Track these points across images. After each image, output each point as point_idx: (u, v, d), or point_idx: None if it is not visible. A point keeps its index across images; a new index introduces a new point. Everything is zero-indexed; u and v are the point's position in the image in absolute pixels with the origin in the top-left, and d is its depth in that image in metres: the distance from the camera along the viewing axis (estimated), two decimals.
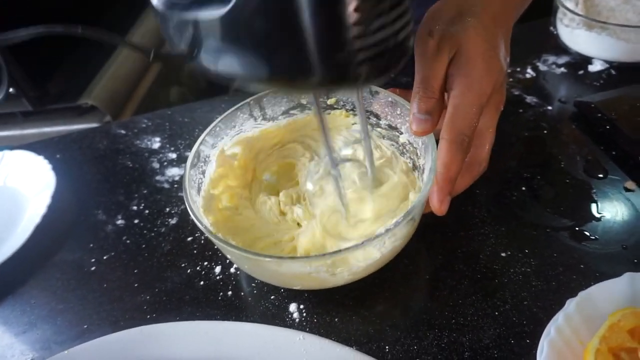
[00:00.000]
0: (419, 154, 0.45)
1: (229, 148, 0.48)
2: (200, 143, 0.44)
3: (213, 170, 0.46)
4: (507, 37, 0.43)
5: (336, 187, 0.39)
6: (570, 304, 0.36)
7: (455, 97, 0.38)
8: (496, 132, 0.43)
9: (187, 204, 0.39)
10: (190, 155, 0.43)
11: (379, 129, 0.50)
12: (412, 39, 0.27)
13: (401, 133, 0.47)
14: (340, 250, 0.34)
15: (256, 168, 0.50)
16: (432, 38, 0.40)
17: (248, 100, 0.48)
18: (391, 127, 0.48)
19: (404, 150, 0.48)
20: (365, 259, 0.37)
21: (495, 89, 0.39)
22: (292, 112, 0.51)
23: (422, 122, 0.39)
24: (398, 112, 0.46)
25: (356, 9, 0.22)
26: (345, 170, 0.43)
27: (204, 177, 0.45)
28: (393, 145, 0.49)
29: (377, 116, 0.49)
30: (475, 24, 0.40)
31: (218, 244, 0.37)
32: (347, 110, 0.51)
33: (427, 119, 0.38)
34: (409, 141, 0.46)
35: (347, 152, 0.47)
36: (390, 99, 0.46)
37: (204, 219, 0.40)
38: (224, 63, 0.26)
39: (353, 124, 0.51)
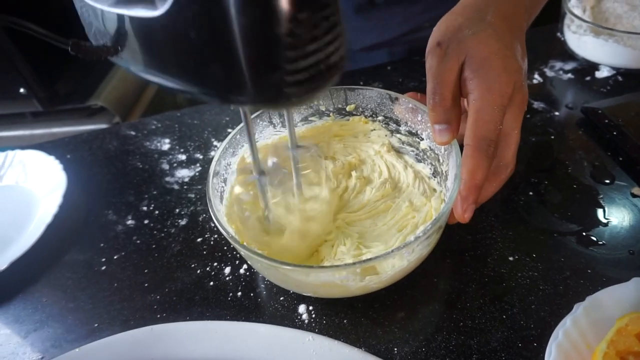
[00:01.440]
0: (440, 160, 0.45)
1: (249, 155, 0.48)
2: (223, 151, 0.44)
3: (234, 177, 0.46)
4: (520, 36, 0.42)
5: (261, 192, 0.38)
6: (578, 308, 0.36)
7: (475, 100, 0.38)
8: None
9: (212, 214, 0.39)
10: (212, 164, 0.43)
11: (398, 135, 0.50)
12: (344, 59, 0.26)
13: (422, 139, 0.48)
14: (369, 259, 0.34)
15: None
16: (440, 48, 0.40)
17: (253, 115, 0.48)
18: (411, 134, 0.49)
19: (425, 156, 0.48)
20: (392, 267, 0.37)
21: (516, 88, 0.39)
22: (310, 118, 0.52)
23: (440, 132, 0.39)
24: (419, 119, 0.46)
25: (291, 33, 0.21)
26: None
27: (226, 185, 0.45)
28: (412, 151, 0.49)
29: (397, 122, 0.49)
30: (484, 27, 0.40)
31: (245, 254, 0.37)
32: (365, 117, 0.51)
33: (445, 128, 0.38)
34: (429, 147, 0.47)
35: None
36: (410, 105, 0.46)
37: (229, 228, 0.40)
38: (150, 68, 0.26)
39: (372, 130, 0.52)
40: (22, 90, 0.81)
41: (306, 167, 0.43)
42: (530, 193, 0.50)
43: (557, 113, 0.59)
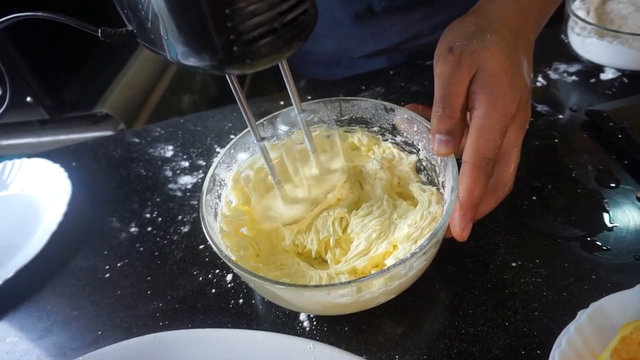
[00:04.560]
0: (437, 171, 0.45)
1: (244, 169, 0.47)
2: (216, 167, 0.44)
3: (229, 192, 0.46)
4: (529, 51, 0.42)
5: (264, 157, 0.39)
6: (582, 315, 0.36)
7: (479, 117, 0.37)
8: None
9: (205, 231, 0.39)
10: (206, 180, 0.43)
11: (394, 144, 0.50)
12: (308, 19, 0.29)
13: (418, 150, 0.47)
14: (365, 277, 0.34)
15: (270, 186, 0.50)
16: (452, 55, 0.39)
17: (261, 120, 0.48)
18: (407, 144, 0.48)
19: (421, 166, 0.48)
20: (388, 285, 0.37)
21: (520, 107, 0.38)
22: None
23: (444, 143, 0.38)
24: (415, 129, 0.46)
25: None
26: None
27: (220, 201, 0.45)
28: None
29: (392, 133, 0.49)
30: (496, 40, 0.39)
31: (239, 273, 0.37)
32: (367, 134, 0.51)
33: (449, 140, 0.38)
34: (426, 158, 0.46)
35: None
36: (406, 116, 0.46)
37: (222, 245, 0.40)
38: (150, 40, 0.29)
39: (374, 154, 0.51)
40: (29, 99, 0.82)
41: (318, 128, 0.44)
42: (534, 198, 0.49)
43: (561, 116, 0.59)
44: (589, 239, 0.45)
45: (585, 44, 0.63)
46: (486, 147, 0.36)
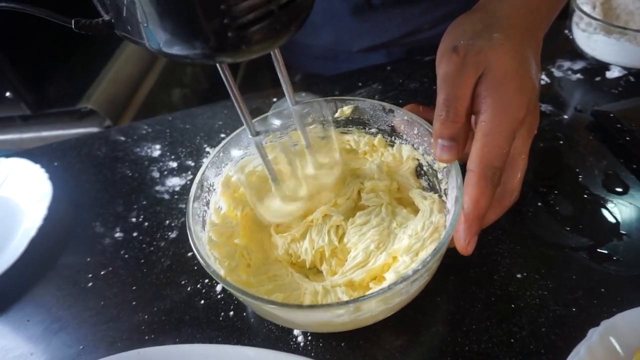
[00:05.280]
0: (439, 178, 0.42)
1: (234, 173, 0.44)
2: (204, 171, 0.41)
3: (218, 199, 0.43)
4: (537, 51, 0.40)
5: (259, 151, 0.36)
6: (593, 335, 0.34)
7: (485, 122, 0.35)
8: None
9: (192, 244, 0.36)
10: (193, 186, 0.40)
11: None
12: (302, 1, 0.27)
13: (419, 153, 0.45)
14: (364, 297, 0.31)
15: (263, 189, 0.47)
16: (456, 54, 0.37)
17: (255, 120, 0.44)
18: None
19: (422, 171, 0.45)
20: (392, 300, 0.35)
21: (528, 111, 0.36)
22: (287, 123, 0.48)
23: (447, 149, 0.36)
24: (415, 132, 0.43)
25: None
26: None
27: (208, 208, 0.42)
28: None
29: (390, 135, 0.46)
30: (504, 39, 0.37)
31: (229, 289, 0.34)
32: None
33: (452, 146, 0.35)
34: (427, 162, 0.44)
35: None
36: (406, 118, 0.43)
37: (210, 258, 0.37)
38: (128, 29, 0.27)
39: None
40: (8, 94, 0.78)
41: (313, 129, 0.41)
42: (539, 204, 0.47)
43: (565, 116, 0.56)
44: (597, 249, 0.43)
45: (591, 40, 0.60)
46: (493, 155, 0.34)
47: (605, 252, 0.42)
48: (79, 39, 0.90)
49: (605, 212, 0.46)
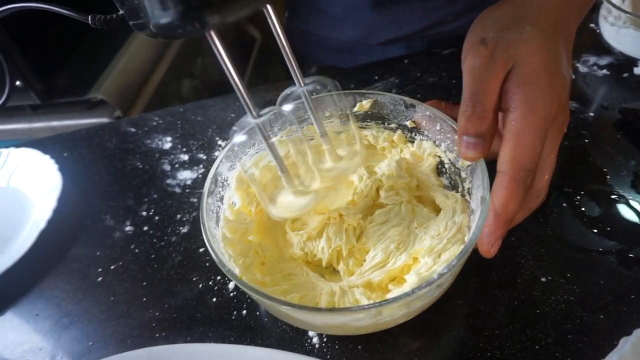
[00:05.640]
0: (462, 176, 0.40)
1: (249, 168, 0.43)
2: (218, 166, 0.40)
3: (232, 194, 0.42)
4: (569, 45, 0.38)
5: (262, 137, 0.32)
6: (625, 345, 0.32)
7: (516, 121, 0.33)
8: None
9: (206, 241, 0.35)
10: (207, 181, 0.39)
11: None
12: None
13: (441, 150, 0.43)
14: (386, 301, 0.30)
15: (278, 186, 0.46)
16: (484, 47, 0.35)
17: (266, 111, 0.43)
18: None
19: (443, 169, 0.43)
20: (415, 304, 0.33)
21: (559, 108, 0.34)
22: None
23: (472, 147, 0.34)
24: (437, 128, 0.41)
25: None
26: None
27: (222, 203, 0.41)
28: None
29: (411, 130, 0.44)
30: (535, 32, 0.35)
31: (245, 289, 0.33)
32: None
33: (478, 143, 0.34)
34: (450, 160, 0.42)
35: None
36: (428, 113, 0.41)
37: (224, 255, 0.36)
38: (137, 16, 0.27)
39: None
40: (18, 82, 0.77)
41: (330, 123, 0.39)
42: (564, 204, 0.45)
43: (591, 114, 0.54)
44: (627, 253, 0.41)
45: (620, 34, 0.58)
46: (525, 156, 0.32)
47: (636, 256, 0.40)
48: (89, 29, 0.89)
49: (634, 214, 0.44)
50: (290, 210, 0.39)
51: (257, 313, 0.42)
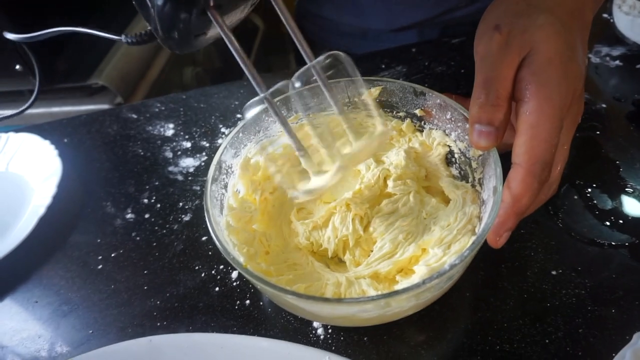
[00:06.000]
0: (473, 166, 0.39)
1: (253, 155, 0.42)
2: (222, 153, 0.39)
3: (236, 181, 0.41)
4: (585, 34, 0.36)
5: (272, 111, 0.31)
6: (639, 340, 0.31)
7: (531, 113, 0.32)
8: None
9: (210, 228, 0.34)
10: (211, 168, 0.38)
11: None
12: None
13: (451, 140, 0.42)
14: (396, 292, 0.29)
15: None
16: (499, 33, 0.34)
17: (276, 100, 0.41)
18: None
19: (453, 159, 0.42)
20: (424, 295, 0.32)
21: (574, 98, 0.33)
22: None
23: (485, 135, 0.33)
24: (448, 117, 0.40)
25: None
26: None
27: (226, 191, 0.40)
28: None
29: (420, 119, 0.43)
30: (551, 20, 0.33)
31: (250, 279, 0.32)
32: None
33: (490, 132, 0.32)
34: (460, 149, 0.41)
35: None
36: (438, 101, 0.40)
37: (229, 244, 0.35)
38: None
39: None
40: (18, 67, 0.76)
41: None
42: (575, 197, 0.44)
43: (603, 105, 0.53)
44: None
45: (635, 24, 0.56)
46: (542, 148, 0.31)
47: None
48: (90, 13, 0.87)
49: None
50: (320, 181, 0.36)
51: (261, 303, 0.41)
